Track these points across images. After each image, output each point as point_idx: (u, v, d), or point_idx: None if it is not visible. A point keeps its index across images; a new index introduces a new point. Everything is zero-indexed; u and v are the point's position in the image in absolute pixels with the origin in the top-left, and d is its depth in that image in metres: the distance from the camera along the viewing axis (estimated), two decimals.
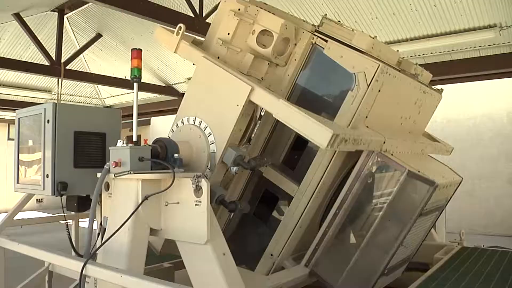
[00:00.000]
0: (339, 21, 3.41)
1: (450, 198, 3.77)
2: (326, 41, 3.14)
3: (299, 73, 3.31)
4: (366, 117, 3.02)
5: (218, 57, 3.23)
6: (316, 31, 3.25)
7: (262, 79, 3.33)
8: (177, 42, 3.26)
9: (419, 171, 2.95)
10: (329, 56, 3.09)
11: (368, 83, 2.90)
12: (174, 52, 3.33)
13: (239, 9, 3.16)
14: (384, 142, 3.04)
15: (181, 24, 3.27)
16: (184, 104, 3.25)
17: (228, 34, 3.22)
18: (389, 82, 3.06)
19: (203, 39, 3.54)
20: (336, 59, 3.05)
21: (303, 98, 3.28)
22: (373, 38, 3.05)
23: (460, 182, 3.79)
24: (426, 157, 3.91)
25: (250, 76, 3.21)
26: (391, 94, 3.19)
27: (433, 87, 4.10)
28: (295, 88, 3.33)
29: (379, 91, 2.97)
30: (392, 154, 3.06)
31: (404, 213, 3.07)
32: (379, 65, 2.88)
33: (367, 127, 3.05)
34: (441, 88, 4.17)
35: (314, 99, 3.32)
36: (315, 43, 3.22)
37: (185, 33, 3.33)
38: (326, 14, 3.38)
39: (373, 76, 2.88)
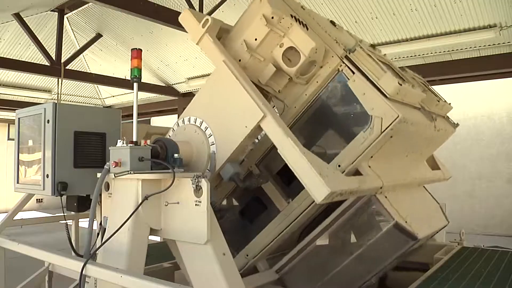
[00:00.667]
0: (373, 45, 3.26)
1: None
2: (353, 72, 2.95)
3: (317, 95, 3.17)
4: (371, 157, 2.97)
5: (240, 60, 3.08)
6: (346, 56, 3.02)
7: (279, 92, 3.22)
8: (201, 35, 3.03)
9: (406, 222, 2.99)
10: (351, 89, 2.94)
11: (382, 130, 2.80)
12: (196, 44, 3.12)
13: (272, 17, 2.91)
14: (381, 187, 3.03)
15: (208, 17, 3.04)
16: (194, 105, 3.16)
17: (255, 40, 3.02)
18: (404, 130, 2.96)
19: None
20: (357, 95, 2.90)
21: (314, 119, 3.22)
22: (400, 84, 2.85)
23: (445, 226, 3.85)
24: (420, 191, 3.88)
25: (267, 89, 3.14)
26: (403, 140, 3.13)
27: (449, 119, 4.07)
28: (310, 108, 3.21)
29: (391, 137, 2.88)
30: (386, 197, 3.07)
31: (379, 257, 3.14)
32: (398, 116, 2.76)
33: (369, 166, 3.01)
34: (457, 123, 4.12)
35: (325, 123, 3.27)
36: (342, 70, 3.02)
37: (213, 18, 3.12)
38: (361, 40, 3.13)
39: (390, 125, 2.79)
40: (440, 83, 9.50)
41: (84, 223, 3.42)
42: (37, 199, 17.05)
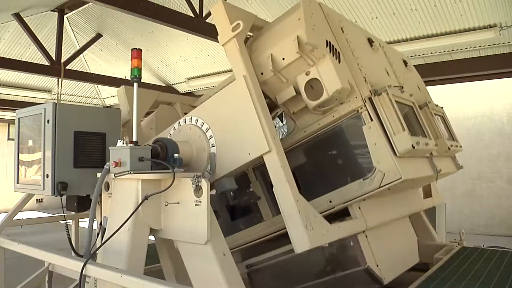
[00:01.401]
0: (401, 88, 3.17)
1: None
2: (371, 119, 2.87)
3: (330, 128, 3.10)
4: (364, 199, 3.01)
5: (262, 73, 2.98)
6: (370, 99, 2.92)
7: (293, 113, 3.18)
8: (229, 38, 2.89)
9: (378, 266, 3.07)
10: (365, 134, 2.89)
11: (381, 185, 2.82)
12: (221, 45, 2.97)
13: (306, 43, 2.75)
14: (364, 231, 3.08)
15: (239, 22, 2.86)
16: (204, 109, 3.11)
17: (283, 59, 2.90)
18: (403, 184, 2.94)
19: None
20: (369, 143, 2.86)
21: (321, 148, 3.21)
22: (414, 147, 2.79)
23: (416, 263, 3.86)
24: (403, 224, 3.88)
25: (282, 107, 3.08)
26: (401, 188, 3.15)
27: (456, 160, 4.06)
28: (319, 137, 3.16)
29: (389, 189, 2.89)
30: (366, 236, 3.12)
31: None
32: (401, 178, 2.76)
33: (359, 208, 3.06)
34: (461, 165, 4.13)
35: (330, 155, 3.25)
36: (361, 113, 2.93)
37: (247, 14, 3.01)
38: (390, 85, 3.03)
39: (390, 183, 2.80)
40: (440, 83, 9.51)
41: (84, 223, 3.42)
42: (37, 199, 17.06)
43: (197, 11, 8.02)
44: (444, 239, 4.84)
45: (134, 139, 2.74)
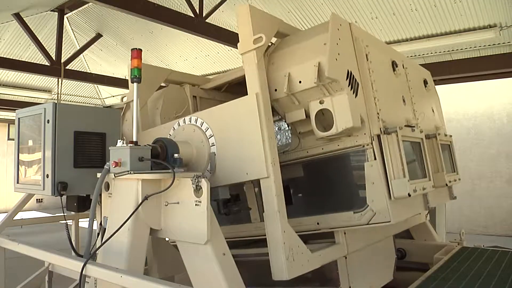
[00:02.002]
0: (413, 127, 3.15)
1: None
2: (375, 158, 2.86)
3: (332, 154, 3.06)
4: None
5: (276, 90, 2.93)
6: (378, 136, 2.89)
7: (299, 133, 3.16)
8: (248, 49, 2.82)
9: (350, 286, 3.15)
10: (365, 171, 2.88)
11: (370, 223, 2.86)
12: (240, 53, 2.90)
13: (326, 77, 2.69)
14: (345, 256, 3.15)
15: (262, 35, 2.77)
16: (210, 114, 3.05)
17: (299, 82, 2.85)
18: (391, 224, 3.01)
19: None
20: (367, 180, 2.85)
21: (317, 170, 3.22)
22: (409, 195, 2.82)
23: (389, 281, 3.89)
24: (386, 242, 3.89)
25: (290, 125, 3.07)
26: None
27: (451, 190, 4.08)
28: (320, 160, 3.13)
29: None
30: (345, 257, 3.20)
31: None
32: (390, 221, 2.81)
33: (345, 233, 3.14)
34: (455, 196, 4.13)
35: (326, 179, 3.26)
36: (366, 150, 2.91)
37: (275, 19, 2.92)
38: (402, 127, 2.98)
39: (379, 223, 2.85)
40: (440, 83, 9.48)
41: (84, 223, 3.42)
42: (37, 199, 17.06)
43: (197, 11, 8.01)
44: (444, 239, 4.84)
45: (134, 139, 2.74)
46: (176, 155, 2.75)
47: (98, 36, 11.39)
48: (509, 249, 4.21)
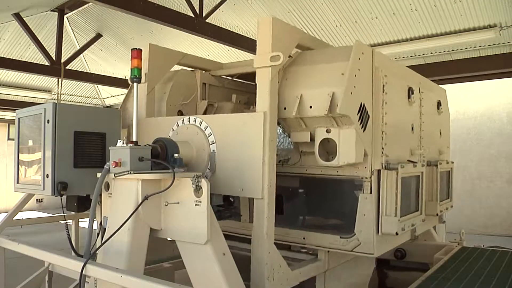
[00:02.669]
0: (415, 162, 3.17)
1: None
2: (371, 192, 2.86)
3: (331, 177, 3.05)
4: None
5: (285, 108, 2.88)
6: (379, 170, 2.88)
7: (302, 152, 3.15)
8: (264, 64, 2.75)
9: None
10: (358, 202, 2.90)
11: (353, 251, 2.91)
12: (254, 66, 2.82)
13: (338, 113, 2.66)
14: (325, 272, 3.21)
15: (280, 54, 2.70)
16: (216, 120, 3.02)
17: (310, 107, 2.80)
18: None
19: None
20: (359, 211, 2.88)
21: (313, 188, 3.25)
22: (397, 234, 2.89)
23: None
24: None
25: (293, 142, 3.07)
26: None
27: (441, 218, 4.13)
28: (317, 179, 3.15)
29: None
30: (324, 272, 3.24)
31: None
32: (373, 254, 2.88)
33: (328, 251, 3.17)
34: (444, 221, 4.21)
35: (318, 198, 3.30)
36: (363, 182, 2.91)
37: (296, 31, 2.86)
38: (403, 165, 2.99)
39: (362, 253, 2.90)
40: (440, 83, 9.45)
41: (84, 223, 3.42)
42: (37, 199, 17.05)
43: (197, 11, 8.01)
44: (444, 239, 4.84)
45: (134, 139, 2.74)
46: (176, 155, 2.75)
47: (98, 36, 11.39)
48: (509, 249, 4.22)
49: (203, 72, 4.06)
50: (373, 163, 2.87)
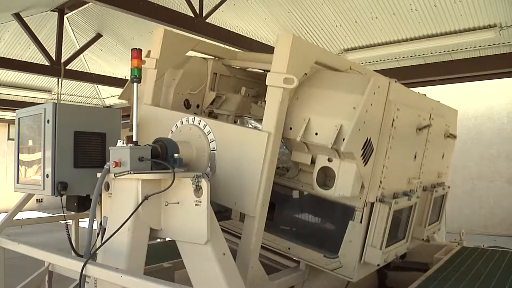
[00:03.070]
0: (410, 196, 3.15)
1: None
2: (361, 221, 2.86)
3: (324, 199, 3.00)
4: None
5: (291, 128, 2.84)
6: (372, 203, 2.87)
7: (300, 169, 3.13)
8: (276, 84, 2.68)
9: None
10: (347, 228, 2.90)
11: (333, 271, 2.95)
12: (265, 83, 2.75)
13: (343, 151, 2.62)
14: (304, 281, 3.24)
15: (294, 78, 2.62)
16: (220, 127, 2.98)
17: (316, 134, 2.76)
18: None
19: None
20: (346, 236, 2.88)
21: (306, 204, 3.26)
22: (378, 265, 2.94)
23: None
24: None
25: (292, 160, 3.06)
26: None
27: (434, 242, 4.15)
28: (312, 196, 3.13)
29: None
30: (304, 281, 3.25)
31: None
32: (352, 279, 2.90)
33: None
34: (428, 239, 4.14)
35: (310, 214, 3.31)
36: (355, 211, 2.89)
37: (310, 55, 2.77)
38: (397, 201, 2.96)
39: (342, 275, 2.93)
40: (440, 83, 9.49)
41: (84, 223, 3.42)
42: (37, 199, 17.06)
43: (197, 11, 8.01)
44: (444, 239, 4.84)
45: (134, 139, 2.74)
46: (176, 155, 2.75)
47: (98, 36, 11.39)
48: (509, 249, 4.22)
49: (216, 61, 3.91)
50: (368, 196, 2.84)
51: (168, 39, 3.37)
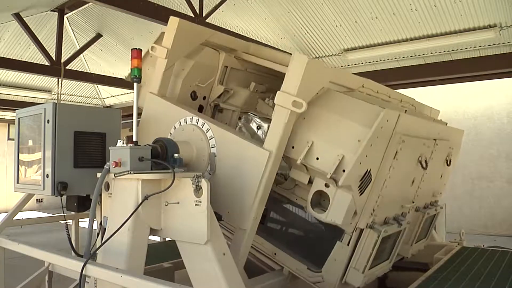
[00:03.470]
0: (401, 223, 3.15)
1: None
2: (348, 244, 2.88)
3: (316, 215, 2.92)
4: None
5: (293, 147, 2.79)
6: (370, 227, 2.87)
7: (296, 184, 3.12)
8: (285, 104, 2.63)
9: None
10: (335, 248, 2.94)
11: (314, 284, 2.99)
12: (275, 102, 2.69)
13: (341, 183, 2.61)
14: None
15: (304, 102, 2.57)
16: (222, 136, 2.92)
17: (317, 159, 2.72)
18: None
19: None
20: (332, 255, 2.93)
21: (298, 216, 3.27)
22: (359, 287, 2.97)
23: None
24: None
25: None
26: None
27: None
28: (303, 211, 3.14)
29: None
30: None
31: None
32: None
33: None
34: (411, 255, 4.11)
35: (300, 227, 3.33)
36: (344, 234, 2.89)
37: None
38: (387, 231, 2.96)
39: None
40: (440, 83, 9.50)
41: (84, 223, 3.42)
42: (37, 199, 17.05)
43: (197, 11, 8.01)
44: (444, 239, 4.84)
45: (134, 139, 2.74)
46: (176, 155, 2.75)
47: (98, 36, 11.39)
48: (509, 249, 4.21)
49: (228, 55, 3.75)
50: (359, 222, 2.84)
51: (182, 30, 3.27)
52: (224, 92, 3.76)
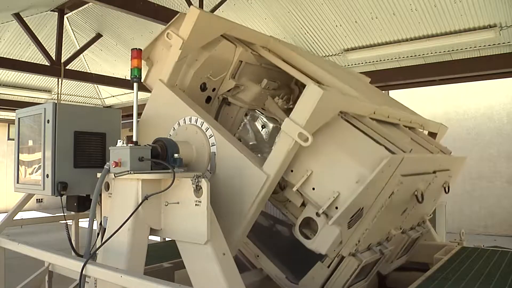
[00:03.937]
0: (384, 253, 3.20)
1: None
2: (328, 267, 2.97)
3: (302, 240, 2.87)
4: None
5: (292, 171, 2.77)
6: (352, 255, 2.89)
7: (289, 201, 3.11)
8: (291, 134, 2.58)
9: None
10: (315, 266, 3.03)
11: None
12: (281, 127, 2.65)
13: (330, 224, 2.57)
14: None
15: (310, 137, 2.52)
16: (224, 145, 2.88)
17: (313, 189, 2.72)
18: None
19: None
20: (312, 272, 3.02)
21: (289, 231, 3.28)
22: None
23: None
24: None
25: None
26: None
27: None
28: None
29: None
30: None
31: None
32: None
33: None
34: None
35: (289, 241, 3.31)
36: (326, 257, 2.93)
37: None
38: (366, 262, 3.00)
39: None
40: (440, 83, 9.50)
41: (84, 223, 3.42)
42: (37, 199, 17.06)
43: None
44: (444, 239, 4.84)
45: (134, 139, 2.73)
46: (176, 155, 2.75)
47: (98, 36, 11.39)
48: (509, 249, 4.21)
49: (245, 51, 3.58)
50: (343, 250, 2.82)
51: (201, 22, 3.11)
52: (234, 87, 3.66)
